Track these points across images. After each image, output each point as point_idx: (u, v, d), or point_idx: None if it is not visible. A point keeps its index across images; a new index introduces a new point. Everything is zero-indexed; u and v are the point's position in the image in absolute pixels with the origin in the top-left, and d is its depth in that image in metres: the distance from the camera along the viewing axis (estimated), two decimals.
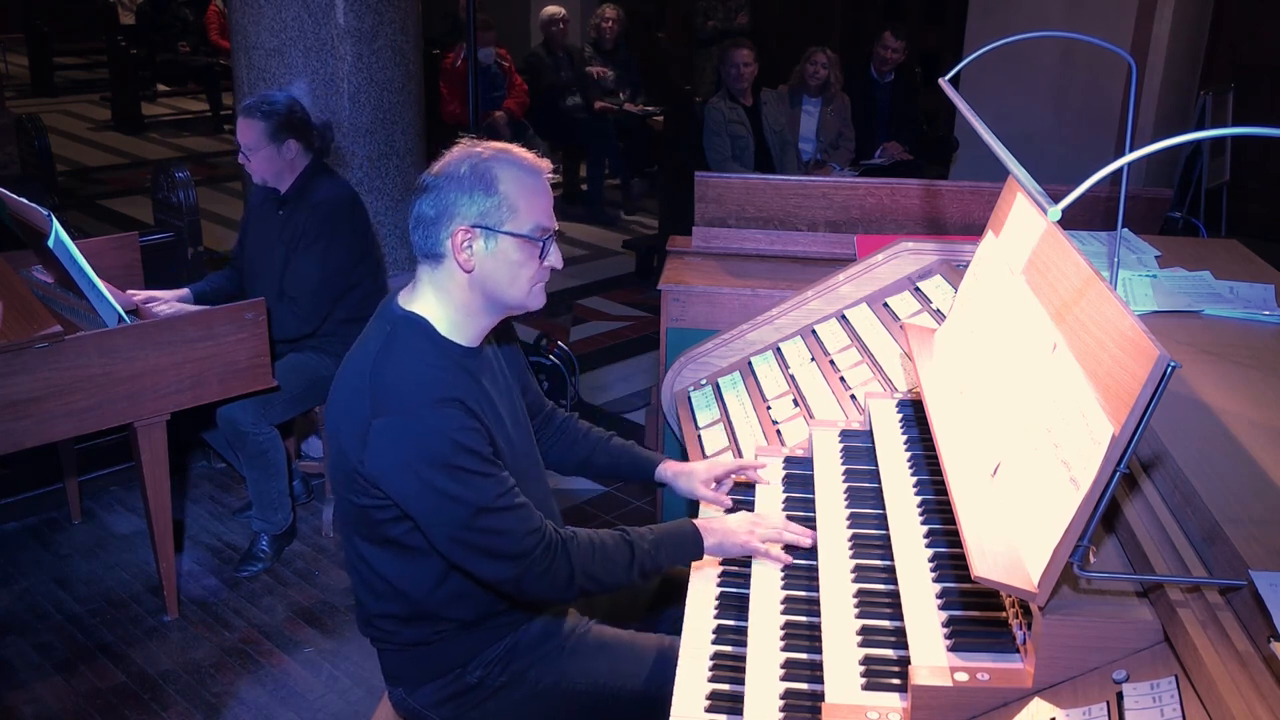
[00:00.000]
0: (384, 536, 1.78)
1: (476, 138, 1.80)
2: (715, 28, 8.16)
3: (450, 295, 1.75)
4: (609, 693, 1.91)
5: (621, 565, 1.85)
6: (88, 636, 3.09)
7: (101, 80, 11.19)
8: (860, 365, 2.45)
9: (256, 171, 3.26)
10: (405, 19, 4.27)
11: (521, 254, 1.73)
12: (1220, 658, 1.21)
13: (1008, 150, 1.74)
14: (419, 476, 1.65)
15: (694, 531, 1.94)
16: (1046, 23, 6.45)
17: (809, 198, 3.36)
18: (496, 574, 1.75)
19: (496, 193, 1.70)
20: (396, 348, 1.72)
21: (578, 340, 5.35)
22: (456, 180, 1.70)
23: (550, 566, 1.76)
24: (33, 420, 2.77)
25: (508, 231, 1.71)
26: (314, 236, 3.24)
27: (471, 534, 1.70)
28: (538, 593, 1.79)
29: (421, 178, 1.76)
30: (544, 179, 1.76)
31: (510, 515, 1.72)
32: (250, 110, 3.22)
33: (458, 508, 1.67)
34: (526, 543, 1.73)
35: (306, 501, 3.78)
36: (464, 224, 1.69)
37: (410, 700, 1.93)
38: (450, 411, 1.67)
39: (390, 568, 1.81)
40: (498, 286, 1.74)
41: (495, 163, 1.71)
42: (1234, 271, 2.50)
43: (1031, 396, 1.52)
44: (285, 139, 3.23)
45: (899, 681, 1.50)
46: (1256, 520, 1.39)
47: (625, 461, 2.19)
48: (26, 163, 5.15)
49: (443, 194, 1.70)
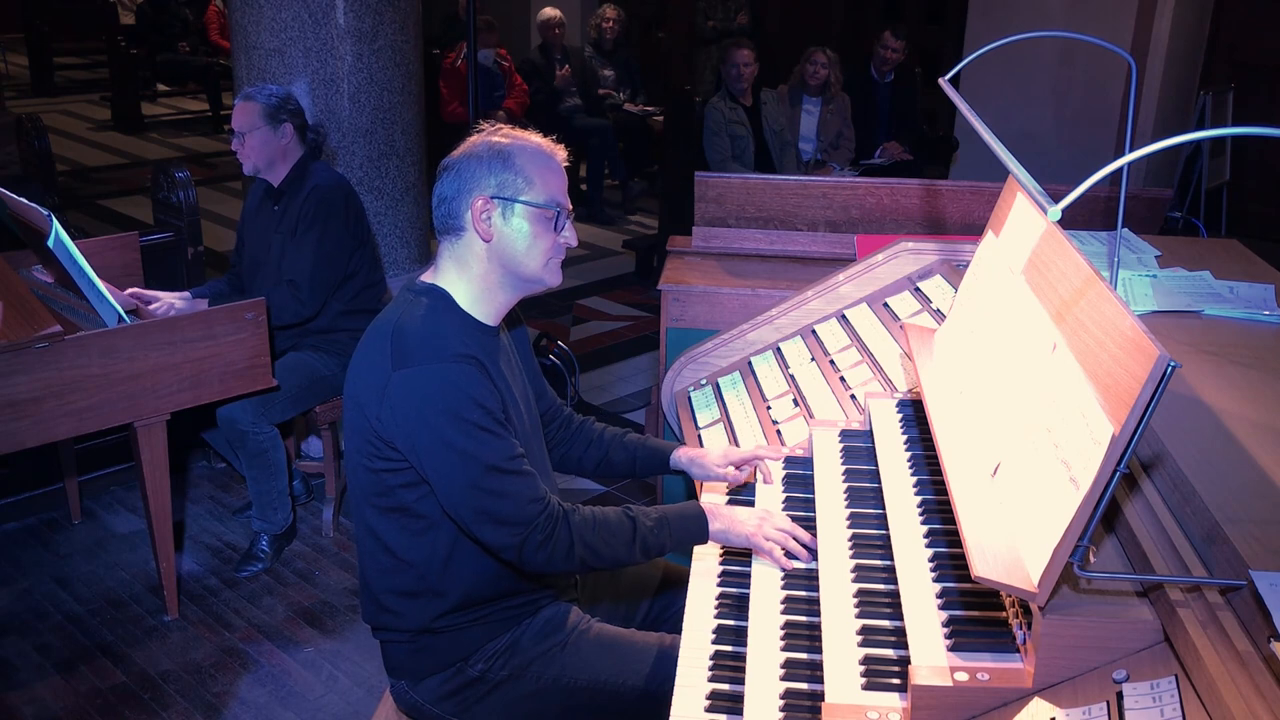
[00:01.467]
0: (395, 505, 1.82)
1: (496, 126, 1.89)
2: (715, 28, 8.16)
3: (470, 268, 1.82)
4: (610, 690, 1.92)
5: (623, 540, 1.87)
6: (88, 636, 3.09)
7: (101, 80, 11.20)
8: (860, 365, 2.45)
9: (249, 157, 3.25)
10: (405, 19, 4.27)
11: (537, 225, 1.80)
12: (1220, 658, 1.21)
13: (1008, 150, 1.74)
14: (433, 429, 1.71)
15: (700, 513, 1.94)
16: (1046, 23, 6.45)
17: (809, 198, 3.36)
18: (499, 539, 1.77)
19: (513, 166, 1.79)
20: (419, 311, 1.79)
21: (578, 340, 5.35)
22: (475, 158, 1.80)
23: (551, 535, 1.79)
24: (33, 420, 2.77)
25: (524, 201, 1.79)
26: (310, 222, 3.25)
27: (478, 494, 1.73)
28: (539, 561, 1.81)
29: (442, 162, 1.85)
30: (559, 161, 1.85)
31: (517, 479, 1.76)
32: (247, 94, 3.25)
33: (468, 464, 1.72)
34: (529, 510, 1.77)
35: (306, 501, 3.78)
36: (482, 195, 1.78)
37: (412, 694, 1.94)
38: (468, 368, 1.73)
39: (398, 539, 1.84)
40: (515, 256, 1.81)
41: (512, 143, 1.82)
42: (1234, 271, 2.50)
43: (1031, 396, 1.52)
44: (283, 121, 3.24)
45: (899, 681, 1.50)
46: (1256, 520, 1.39)
47: (642, 454, 2.22)
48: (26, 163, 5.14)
49: (462, 171, 1.80)
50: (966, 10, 7.20)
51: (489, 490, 1.74)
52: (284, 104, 3.26)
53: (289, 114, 3.26)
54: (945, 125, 7.41)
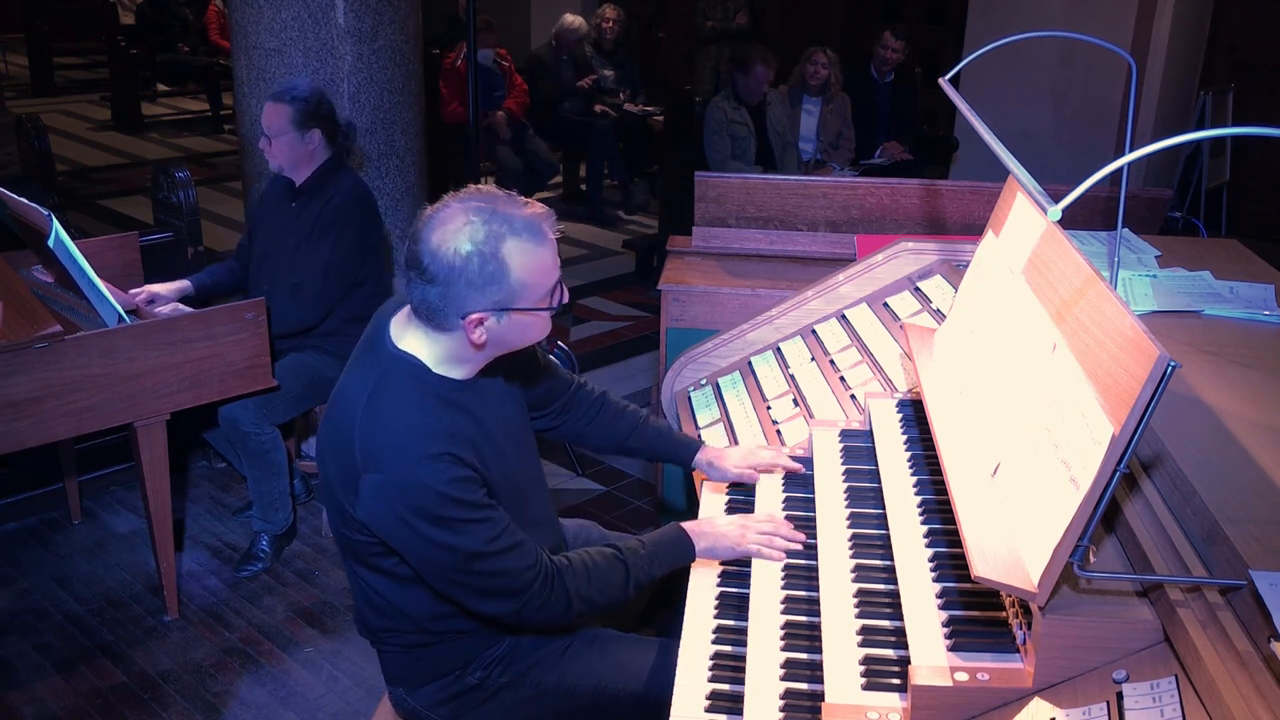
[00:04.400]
0: (377, 566, 1.80)
1: (469, 188, 1.70)
2: (715, 28, 8.17)
3: (450, 349, 1.72)
4: (609, 694, 1.91)
5: (617, 584, 1.86)
6: (88, 636, 3.09)
7: (101, 80, 11.19)
8: (860, 365, 2.45)
9: (275, 158, 3.27)
10: (405, 19, 4.27)
11: (535, 318, 1.71)
12: (1220, 658, 1.21)
13: (1008, 150, 1.74)
14: (411, 528, 1.65)
15: (683, 536, 1.94)
16: (1046, 23, 6.45)
17: (809, 198, 3.36)
18: (494, 610, 1.76)
19: (508, 281, 1.63)
20: (385, 397, 1.69)
21: (578, 340, 5.35)
22: (465, 277, 1.61)
23: (549, 598, 1.77)
24: (33, 420, 2.77)
25: (522, 308, 1.68)
26: (325, 227, 3.25)
27: (468, 576, 1.71)
28: (537, 622, 1.81)
29: (420, 255, 1.62)
30: (549, 236, 1.67)
31: (508, 556, 1.72)
32: (280, 95, 3.24)
33: (452, 555, 1.68)
34: (524, 579, 1.74)
35: (306, 501, 3.78)
36: (476, 312, 1.64)
37: (410, 700, 1.94)
38: (439, 466, 1.64)
39: (388, 589, 1.82)
40: (510, 346, 1.75)
41: (499, 242, 1.62)
42: (1234, 271, 2.50)
43: (1031, 396, 1.52)
44: (311, 128, 3.24)
45: (899, 681, 1.50)
46: (1256, 520, 1.39)
47: (663, 445, 2.21)
48: (26, 163, 5.14)
49: (451, 289, 1.62)
50: (966, 10, 7.20)
51: (479, 573, 1.70)
52: (316, 110, 3.24)
53: (319, 120, 3.25)
54: (945, 125, 7.41)
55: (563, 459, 4.10)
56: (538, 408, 2.10)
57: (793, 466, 2.17)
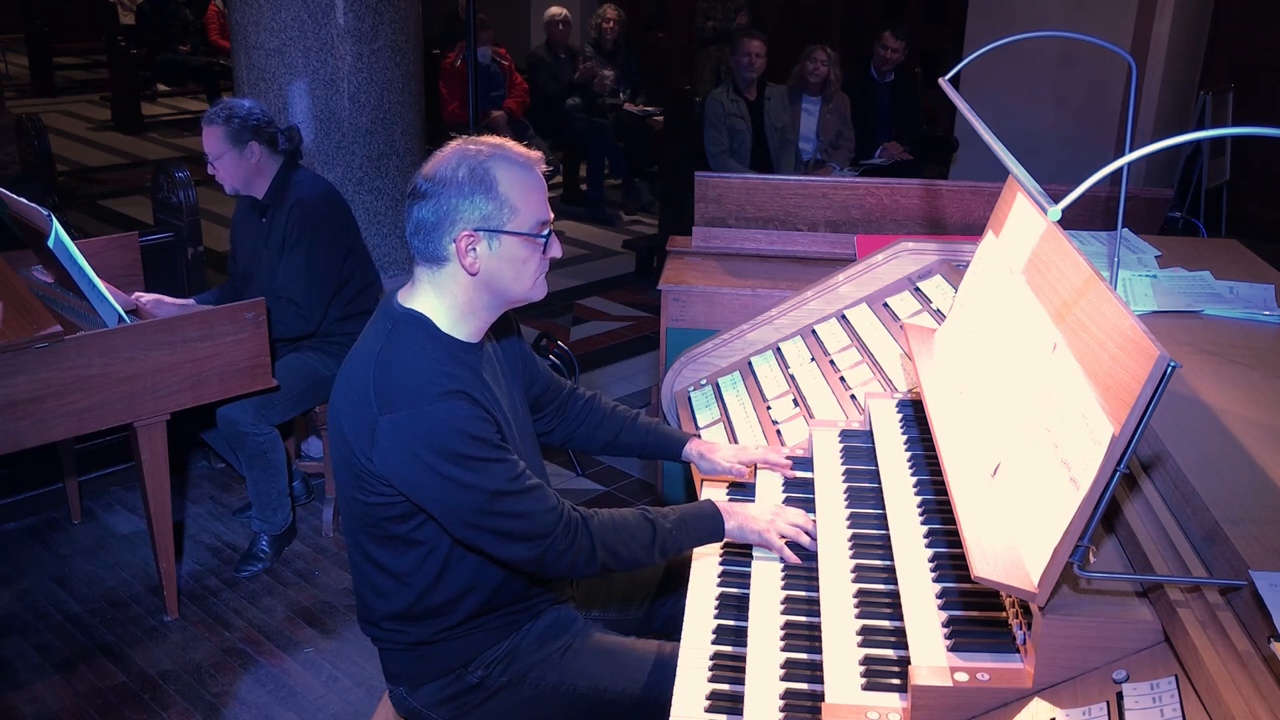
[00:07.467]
0: (389, 534, 1.80)
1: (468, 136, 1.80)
2: (715, 28, 8.16)
3: (452, 295, 1.77)
4: (609, 695, 1.91)
5: (642, 543, 1.86)
6: (88, 636, 3.09)
7: (101, 80, 11.19)
8: (860, 365, 2.45)
9: (226, 180, 3.22)
10: (405, 19, 4.28)
11: (525, 250, 1.75)
12: (1220, 658, 1.21)
13: (1008, 150, 1.74)
14: (431, 468, 1.67)
15: (715, 512, 1.94)
16: (1046, 23, 6.45)
17: (809, 198, 3.36)
18: (517, 555, 1.76)
19: (497, 195, 1.71)
20: (398, 344, 1.74)
21: (578, 340, 5.35)
22: (455, 185, 1.70)
23: (572, 544, 1.78)
24: (33, 420, 2.77)
25: (511, 231, 1.72)
26: (298, 236, 3.23)
27: (489, 518, 1.72)
28: (560, 568, 1.80)
29: (415, 181, 1.75)
30: (538, 172, 1.77)
31: (526, 497, 1.74)
32: (209, 118, 3.18)
33: (473, 494, 1.69)
34: (546, 521, 1.75)
35: (306, 501, 3.78)
36: (467, 228, 1.70)
37: (411, 700, 1.94)
38: (455, 403, 1.68)
39: (395, 562, 1.82)
40: (503, 284, 1.76)
41: (491, 162, 1.71)
42: (1234, 271, 2.50)
43: (1031, 396, 1.52)
44: (247, 141, 3.18)
45: (899, 681, 1.50)
46: (1256, 520, 1.39)
47: (653, 440, 2.21)
48: (26, 163, 5.14)
49: (442, 200, 1.70)
50: (966, 10, 7.20)
51: (501, 513, 1.72)
52: (245, 123, 3.17)
53: (251, 131, 3.18)
54: (945, 125, 7.41)
55: (563, 459, 4.10)
56: (536, 409, 2.11)
57: (782, 463, 2.16)
